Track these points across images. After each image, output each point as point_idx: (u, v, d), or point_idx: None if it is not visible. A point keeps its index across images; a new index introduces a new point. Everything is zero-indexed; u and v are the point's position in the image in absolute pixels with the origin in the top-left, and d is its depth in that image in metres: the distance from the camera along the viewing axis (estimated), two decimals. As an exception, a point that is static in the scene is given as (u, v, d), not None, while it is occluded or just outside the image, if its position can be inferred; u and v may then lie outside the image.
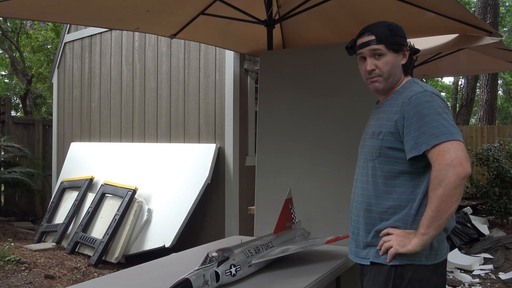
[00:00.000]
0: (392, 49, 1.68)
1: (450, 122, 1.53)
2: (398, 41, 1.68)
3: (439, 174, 1.47)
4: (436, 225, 1.48)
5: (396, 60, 1.69)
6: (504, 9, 18.66)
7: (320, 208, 2.49)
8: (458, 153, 1.46)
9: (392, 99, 1.70)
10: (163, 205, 4.72)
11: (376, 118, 1.76)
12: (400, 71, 1.71)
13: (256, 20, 3.08)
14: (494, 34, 3.10)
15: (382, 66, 1.68)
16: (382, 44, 1.67)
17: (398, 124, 1.60)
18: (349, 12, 3.08)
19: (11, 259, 4.47)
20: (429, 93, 1.60)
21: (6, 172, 6.56)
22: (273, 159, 2.71)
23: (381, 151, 1.65)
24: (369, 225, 1.68)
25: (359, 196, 1.74)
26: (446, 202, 1.46)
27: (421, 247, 1.52)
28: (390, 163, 1.63)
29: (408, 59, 1.73)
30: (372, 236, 1.67)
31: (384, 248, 1.60)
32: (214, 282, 1.58)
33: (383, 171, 1.65)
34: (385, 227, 1.63)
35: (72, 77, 6.71)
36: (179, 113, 5.24)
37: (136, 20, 2.97)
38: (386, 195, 1.64)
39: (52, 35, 11.26)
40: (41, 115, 13.14)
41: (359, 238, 1.73)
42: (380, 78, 1.70)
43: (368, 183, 1.70)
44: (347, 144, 2.45)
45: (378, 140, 1.66)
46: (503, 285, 4.37)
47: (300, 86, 2.67)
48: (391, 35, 1.68)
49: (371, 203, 1.67)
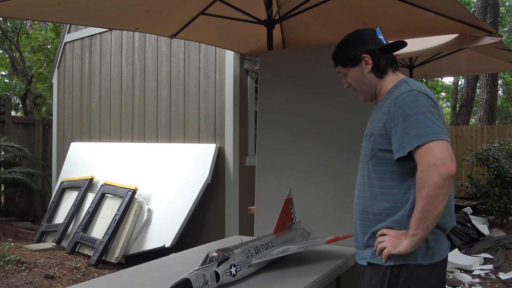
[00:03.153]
0: (349, 65, 1.75)
1: (434, 121, 1.51)
2: (349, 56, 1.74)
3: (423, 175, 1.47)
4: (424, 226, 1.48)
5: (358, 72, 1.74)
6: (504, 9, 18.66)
7: (320, 208, 2.49)
8: (441, 153, 1.45)
9: (383, 99, 1.71)
10: (163, 205, 4.72)
11: (371, 119, 1.77)
12: (370, 77, 1.74)
13: (256, 20, 3.07)
14: (494, 34, 3.10)
15: (352, 82, 1.78)
16: (339, 65, 1.79)
17: (386, 125, 1.61)
18: (349, 12, 3.08)
19: (11, 259, 4.47)
20: (415, 92, 1.58)
21: (6, 172, 6.56)
22: (273, 159, 2.70)
23: (373, 153, 1.66)
24: (365, 226, 1.69)
25: (357, 198, 1.77)
26: (432, 203, 1.45)
27: (411, 248, 1.51)
28: (382, 165, 1.64)
29: (374, 62, 1.72)
30: (369, 237, 1.68)
31: (379, 249, 1.61)
32: (214, 282, 1.58)
33: (376, 173, 1.66)
34: (381, 228, 1.64)
35: (72, 77, 6.71)
36: (179, 113, 5.24)
37: (136, 20, 2.97)
38: (381, 196, 1.64)
39: (52, 35, 11.26)
40: (41, 115, 13.14)
41: (358, 239, 1.75)
42: (357, 91, 1.81)
43: (365, 185, 1.72)
44: (347, 144, 2.45)
45: (370, 142, 1.68)
46: (503, 285, 4.37)
47: (300, 86, 2.67)
48: (343, 55, 1.76)
49: (367, 204, 1.69)
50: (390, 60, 1.75)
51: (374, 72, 1.73)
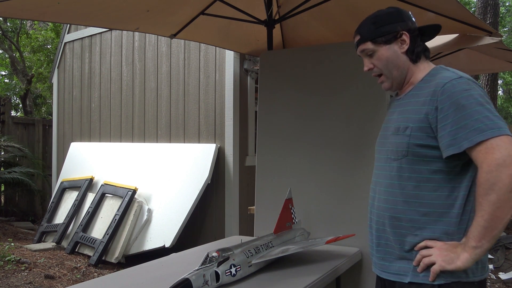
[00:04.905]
0: (382, 42, 1.51)
1: (495, 114, 1.31)
2: (385, 31, 1.50)
3: (490, 176, 1.26)
4: (491, 236, 1.27)
5: (390, 51, 1.51)
6: (504, 9, 18.66)
7: (320, 208, 2.49)
8: (510, 151, 1.25)
9: (417, 89, 1.49)
10: (163, 205, 4.72)
11: (398, 111, 1.53)
12: (403, 60, 1.52)
13: (256, 20, 3.07)
14: (494, 34, 3.10)
15: (377, 63, 1.54)
16: (368, 41, 1.54)
17: (429, 117, 1.38)
18: (349, 12, 3.08)
19: (11, 259, 4.47)
20: (466, 80, 1.38)
21: (6, 172, 6.56)
22: (273, 159, 2.70)
23: (408, 149, 1.43)
24: (399, 235, 1.46)
25: (383, 202, 1.51)
26: (502, 209, 1.25)
27: (472, 263, 1.31)
28: (420, 163, 1.42)
29: (411, 43, 1.50)
30: (405, 249, 1.45)
31: (424, 265, 1.38)
32: (214, 282, 1.57)
33: (411, 172, 1.44)
34: (422, 239, 1.41)
35: (72, 77, 6.71)
36: (179, 113, 5.24)
37: (136, 20, 2.97)
38: (417, 200, 1.42)
39: (52, 35, 11.26)
40: (41, 115, 13.14)
41: (387, 249, 1.51)
42: (382, 77, 1.56)
43: (394, 186, 1.48)
44: (347, 144, 2.45)
45: (404, 136, 1.44)
46: (503, 285, 4.37)
47: (300, 86, 2.67)
48: (375, 29, 1.52)
49: (399, 210, 1.45)
50: (424, 46, 1.55)
51: (409, 54, 1.51)
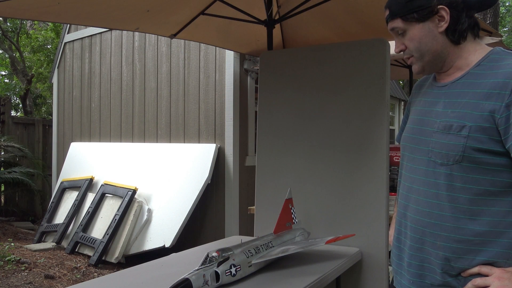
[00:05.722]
0: (414, 20, 1.25)
1: None
2: (418, 5, 1.23)
3: None
4: None
5: (424, 30, 1.25)
6: (504, 9, 18.67)
7: (320, 208, 2.49)
8: None
9: (472, 76, 1.22)
10: (163, 205, 4.73)
11: (445, 103, 1.26)
12: (440, 42, 1.25)
13: (256, 20, 3.07)
14: (494, 34, 3.10)
15: (410, 44, 1.29)
16: (397, 18, 1.28)
17: (496, 115, 1.12)
18: (349, 12, 3.08)
19: (11, 259, 4.47)
20: None
21: (6, 172, 6.56)
22: (273, 159, 2.70)
23: (464, 154, 1.16)
24: (443, 258, 1.21)
25: (424, 215, 1.26)
26: None
27: None
28: (478, 171, 1.17)
29: (452, 19, 1.22)
30: (451, 274, 1.21)
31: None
32: (214, 282, 1.57)
33: (465, 182, 1.18)
34: (475, 264, 1.17)
35: (72, 77, 6.71)
36: (179, 113, 5.24)
37: (136, 20, 2.97)
38: (471, 216, 1.18)
39: (52, 35, 11.27)
40: (41, 115, 13.15)
41: (424, 273, 1.27)
42: (412, 58, 1.31)
43: (440, 198, 1.22)
44: (348, 144, 2.45)
45: (459, 137, 1.17)
46: (503, 285, 4.36)
47: (300, 86, 2.67)
48: (406, 2, 1.25)
49: (448, 227, 1.20)
50: (472, 21, 1.25)
51: (450, 34, 1.24)
